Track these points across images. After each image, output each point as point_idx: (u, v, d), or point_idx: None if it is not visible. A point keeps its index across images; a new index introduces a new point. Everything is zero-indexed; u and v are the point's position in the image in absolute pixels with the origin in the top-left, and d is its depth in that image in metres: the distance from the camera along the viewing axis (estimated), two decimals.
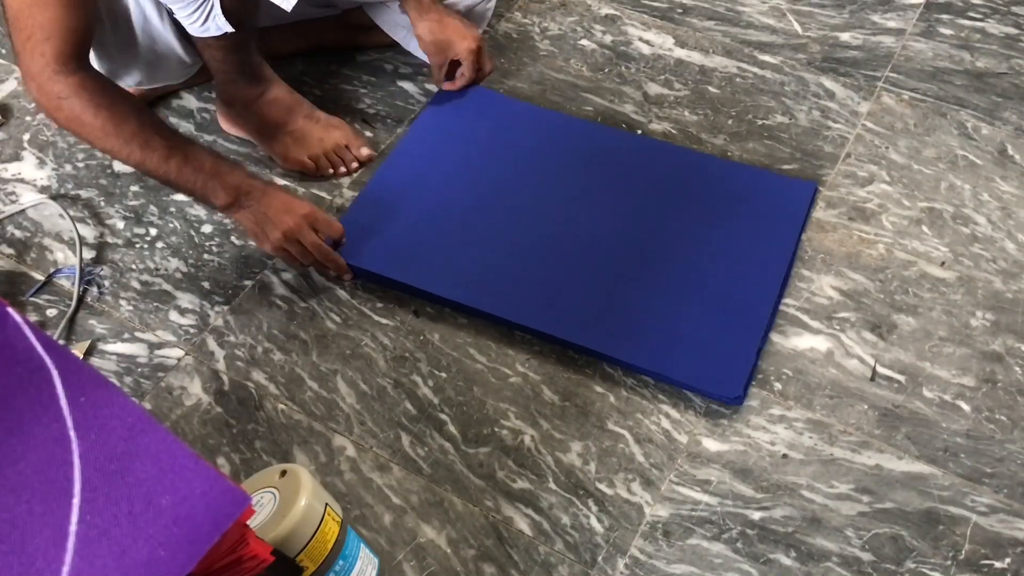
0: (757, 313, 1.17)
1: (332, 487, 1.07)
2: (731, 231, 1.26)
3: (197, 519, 0.64)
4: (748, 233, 1.25)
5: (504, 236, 1.26)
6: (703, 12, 1.59)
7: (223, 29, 1.18)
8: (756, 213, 1.27)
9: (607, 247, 1.25)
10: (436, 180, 1.33)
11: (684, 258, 1.23)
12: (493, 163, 1.35)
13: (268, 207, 1.18)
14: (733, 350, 1.14)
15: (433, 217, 1.28)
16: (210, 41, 1.24)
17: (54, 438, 0.67)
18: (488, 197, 1.31)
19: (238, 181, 1.17)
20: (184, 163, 1.14)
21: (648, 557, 1.01)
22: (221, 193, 1.16)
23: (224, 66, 1.30)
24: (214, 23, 1.18)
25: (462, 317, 1.21)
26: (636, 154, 1.36)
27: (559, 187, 1.32)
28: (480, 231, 1.27)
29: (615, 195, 1.31)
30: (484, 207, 1.30)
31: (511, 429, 1.11)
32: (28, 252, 1.29)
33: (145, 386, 1.16)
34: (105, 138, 1.12)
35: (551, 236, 1.26)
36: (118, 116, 1.11)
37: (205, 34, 1.21)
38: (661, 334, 1.16)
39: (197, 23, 1.18)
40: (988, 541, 1.02)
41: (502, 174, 1.34)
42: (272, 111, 1.36)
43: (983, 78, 1.47)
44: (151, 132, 1.13)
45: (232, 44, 1.26)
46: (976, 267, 1.25)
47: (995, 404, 1.12)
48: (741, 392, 1.11)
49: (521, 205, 1.30)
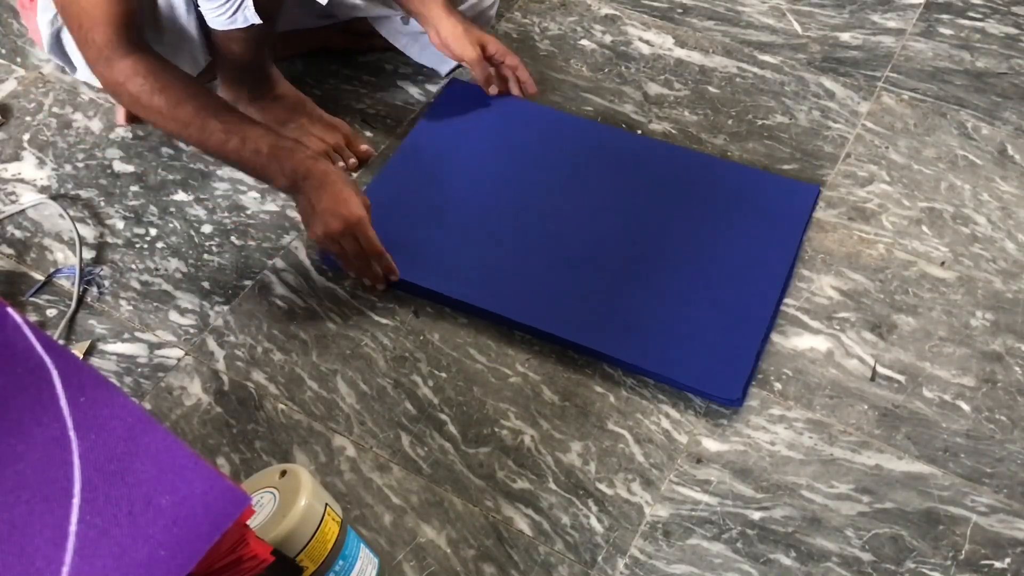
0: (758, 316, 1.17)
1: (332, 487, 1.07)
2: (733, 233, 1.26)
3: (197, 519, 0.64)
4: (750, 235, 1.25)
5: (504, 235, 1.26)
6: (703, 12, 1.59)
7: (250, 21, 1.17)
8: (758, 215, 1.27)
9: (608, 247, 1.25)
10: (438, 179, 1.33)
11: (686, 259, 1.23)
12: (494, 162, 1.35)
13: (319, 201, 1.15)
14: (733, 352, 1.14)
15: (434, 216, 1.28)
16: (232, 34, 1.23)
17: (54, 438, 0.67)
18: (489, 196, 1.31)
19: (295, 164, 1.15)
20: (242, 146, 1.14)
21: (648, 557, 1.01)
22: (280, 177, 1.16)
23: (240, 60, 1.29)
24: (242, 15, 1.16)
25: (462, 317, 1.21)
26: (639, 154, 1.36)
27: (560, 186, 1.32)
28: (480, 230, 1.27)
29: (617, 195, 1.31)
30: (485, 206, 1.30)
31: (511, 429, 1.11)
32: (28, 252, 1.29)
33: (145, 386, 1.16)
34: (164, 121, 1.15)
35: (551, 235, 1.26)
36: (174, 99, 1.13)
37: (231, 26, 1.19)
38: (661, 334, 1.16)
39: (225, 15, 1.17)
40: (988, 541, 1.02)
41: (503, 173, 1.34)
42: (275, 108, 1.36)
43: (983, 78, 1.47)
44: (207, 115, 1.13)
45: (254, 37, 1.25)
46: (976, 267, 1.25)
47: (995, 404, 1.12)
48: (740, 394, 1.11)
49: (522, 204, 1.30)
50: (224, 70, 1.34)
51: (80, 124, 1.44)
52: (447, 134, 1.39)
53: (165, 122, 1.15)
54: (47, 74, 1.50)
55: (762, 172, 1.33)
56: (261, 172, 1.16)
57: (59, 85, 1.48)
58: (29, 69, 1.52)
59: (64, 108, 1.46)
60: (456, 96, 1.43)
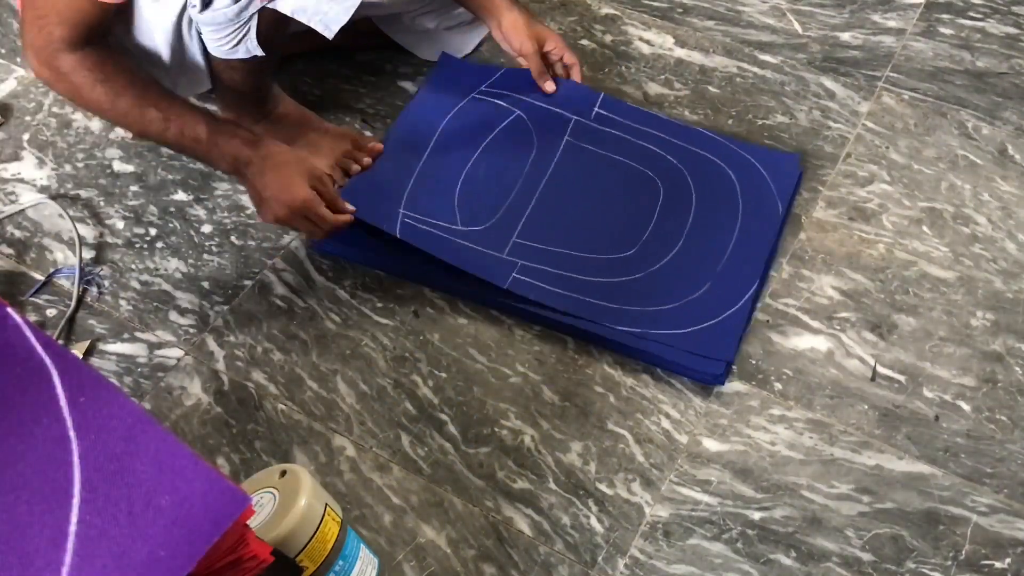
0: (743, 290, 1.18)
1: (332, 487, 1.07)
2: (718, 207, 1.27)
3: (197, 519, 0.64)
4: (745, 208, 1.27)
5: (485, 209, 1.27)
6: (703, 12, 1.59)
7: (252, 52, 1.16)
8: (752, 187, 1.29)
9: (592, 222, 1.26)
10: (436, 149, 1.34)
11: (682, 233, 1.25)
12: (477, 135, 1.36)
13: (264, 187, 1.16)
14: (717, 329, 1.15)
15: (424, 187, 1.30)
16: (233, 63, 1.22)
17: (54, 438, 0.67)
18: (473, 169, 1.32)
19: (235, 150, 1.16)
20: (181, 134, 1.15)
21: (648, 557, 1.01)
22: (221, 162, 1.17)
23: (241, 87, 1.28)
24: (245, 46, 1.16)
25: (462, 317, 1.21)
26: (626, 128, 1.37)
27: (542, 161, 1.33)
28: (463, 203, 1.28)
29: (599, 170, 1.32)
30: (469, 179, 1.31)
31: (511, 429, 1.11)
32: (28, 252, 1.29)
33: (145, 386, 1.16)
34: (102, 112, 1.17)
35: (533, 210, 1.27)
36: (114, 90, 1.13)
37: (232, 56, 1.18)
38: (644, 311, 1.17)
39: (227, 45, 1.16)
40: (988, 541, 1.02)
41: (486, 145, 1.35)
42: (281, 129, 1.35)
43: (983, 78, 1.47)
44: (146, 104, 1.14)
45: (255, 67, 1.24)
46: (976, 267, 1.25)
47: (995, 404, 1.12)
48: (722, 371, 1.12)
49: (513, 183, 1.31)
50: (223, 96, 1.33)
51: (80, 124, 1.44)
52: (440, 107, 1.39)
53: (103, 112, 1.16)
54: None
55: (746, 144, 1.35)
56: (204, 158, 1.19)
57: None
58: (29, 69, 1.52)
59: (64, 108, 1.46)
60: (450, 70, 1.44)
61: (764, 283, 1.20)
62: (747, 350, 1.17)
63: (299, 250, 1.28)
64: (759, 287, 1.19)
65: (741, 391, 1.14)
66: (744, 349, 1.17)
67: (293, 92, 1.44)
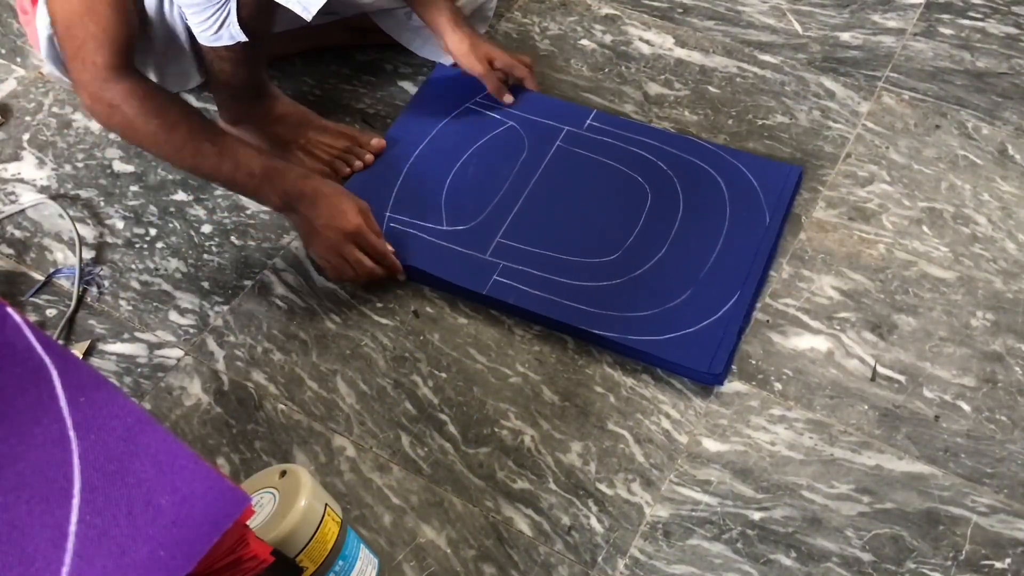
0: (741, 294, 1.18)
1: (332, 487, 1.07)
2: (715, 215, 1.27)
3: (197, 519, 0.64)
4: (732, 217, 1.26)
5: (471, 208, 1.28)
6: (703, 12, 1.59)
7: (236, 39, 1.16)
8: (741, 197, 1.28)
9: (591, 228, 1.26)
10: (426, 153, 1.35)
11: (667, 239, 1.25)
12: (468, 140, 1.37)
13: (316, 217, 1.18)
14: (715, 330, 1.15)
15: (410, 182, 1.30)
16: (221, 52, 1.22)
17: (54, 438, 0.67)
18: (462, 169, 1.33)
19: (287, 186, 1.17)
20: (236, 169, 1.15)
21: (648, 557, 1.01)
22: (273, 197, 1.18)
23: (231, 80, 1.28)
24: (227, 31, 1.15)
25: (462, 317, 1.21)
26: (624, 137, 1.37)
27: (537, 168, 1.33)
28: (449, 202, 1.29)
29: (598, 177, 1.32)
30: (457, 178, 1.32)
31: (511, 429, 1.11)
32: (28, 252, 1.29)
33: (145, 386, 1.16)
34: (158, 145, 1.15)
35: (532, 217, 1.27)
36: (169, 123, 1.14)
37: (217, 43, 1.18)
38: (643, 313, 1.17)
39: (210, 30, 1.16)
40: (988, 541, 1.02)
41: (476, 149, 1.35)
42: (281, 129, 1.35)
43: (983, 78, 1.47)
44: (201, 138, 1.15)
45: (243, 57, 1.24)
46: (976, 267, 1.25)
47: (995, 404, 1.12)
48: (722, 370, 1.12)
49: (501, 184, 1.31)
50: (220, 94, 1.33)
51: (80, 124, 1.44)
52: (433, 115, 1.40)
53: (158, 146, 1.16)
54: (47, 74, 1.50)
55: (745, 154, 1.34)
56: (255, 194, 1.19)
57: (59, 85, 1.48)
58: (29, 69, 1.52)
59: (64, 108, 1.46)
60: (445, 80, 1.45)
61: (748, 293, 1.19)
62: (747, 350, 1.17)
63: (299, 250, 1.28)
64: (741, 297, 1.18)
65: (741, 391, 1.14)
66: (744, 349, 1.17)
67: (293, 92, 1.44)
